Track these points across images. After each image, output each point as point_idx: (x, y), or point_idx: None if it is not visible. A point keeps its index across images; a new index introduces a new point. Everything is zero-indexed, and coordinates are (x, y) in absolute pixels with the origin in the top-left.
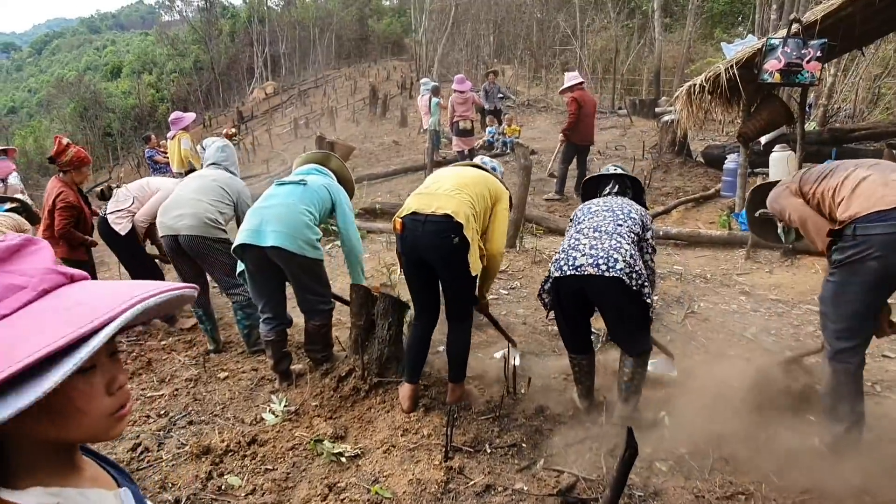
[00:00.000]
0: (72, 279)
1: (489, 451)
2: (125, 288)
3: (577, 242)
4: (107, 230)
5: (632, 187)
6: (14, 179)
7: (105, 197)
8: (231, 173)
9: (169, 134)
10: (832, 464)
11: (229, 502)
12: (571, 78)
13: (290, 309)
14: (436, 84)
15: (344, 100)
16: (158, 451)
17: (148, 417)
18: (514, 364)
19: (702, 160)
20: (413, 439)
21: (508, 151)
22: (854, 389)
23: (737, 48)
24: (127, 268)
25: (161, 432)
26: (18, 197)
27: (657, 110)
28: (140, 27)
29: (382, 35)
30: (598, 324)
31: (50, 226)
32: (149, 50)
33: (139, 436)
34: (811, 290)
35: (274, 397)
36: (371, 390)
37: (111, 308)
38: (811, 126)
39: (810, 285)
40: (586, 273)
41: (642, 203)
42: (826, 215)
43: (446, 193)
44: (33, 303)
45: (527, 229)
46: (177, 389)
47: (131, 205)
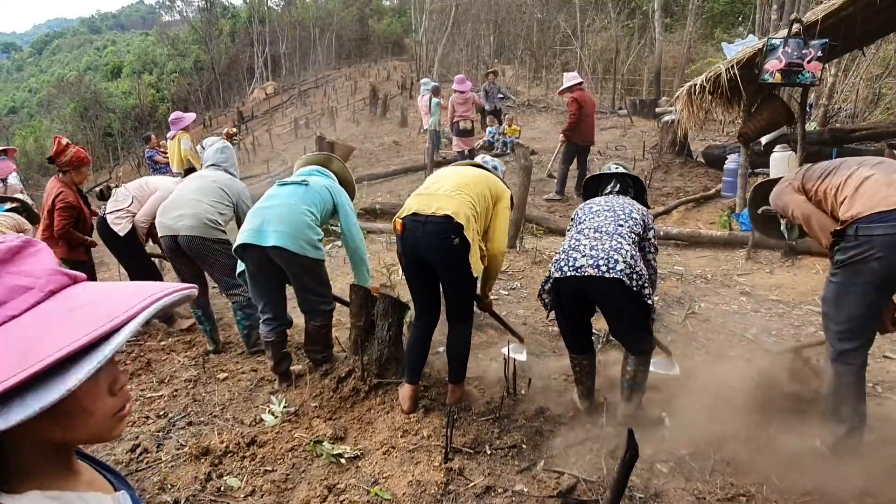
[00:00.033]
0: (74, 280)
1: (489, 453)
2: (131, 288)
3: (578, 243)
4: (106, 230)
5: (633, 186)
6: (13, 179)
7: (104, 197)
8: (231, 175)
9: (169, 134)
10: (834, 465)
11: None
12: (570, 78)
13: (290, 309)
14: (436, 84)
15: (344, 100)
16: (157, 453)
17: (147, 418)
18: (522, 360)
19: (702, 160)
20: (413, 440)
21: (508, 152)
22: (856, 391)
23: (738, 48)
24: (126, 268)
25: (160, 433)
26: (18, 196)
27: (657, 110)
28: (140, 27)
29: (383, 35)
30: (599, 324)
31: (49, 226)
32: (149, 50)
33: (138, 437)
34: (812, 291)
35: (273, 398)
36: (371, 391)
37: (130, 307)
38: (812, 126)
39: (811, 286)
40: (586, 274)
41: (644, 202)
42: (828, 213)
43: (446, 194)
44: (40, 304)
45: (527, 230)
46: (176, 390)
47: (130, 205)
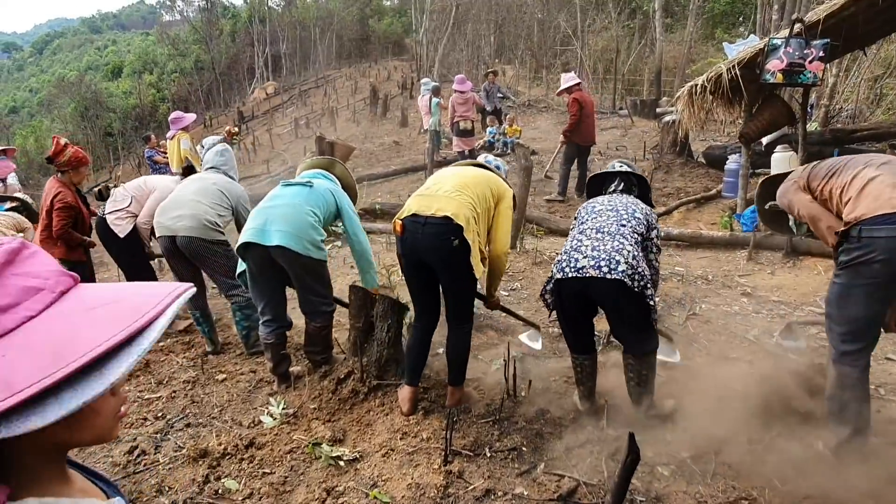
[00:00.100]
0: (75, 282)
1: (489, 455)
2: (144, 287)
3: (580, 244)
4: (105, 231)
5: (638, 185)
6: (13, 179)
7: (102, 197)
8: (230, 178)
9: (168, 134)
10: (837, 469)
11: None
12: (569, 79)
13: (290, 310)
14: (436, 84)
15: (344, 100)
16: (155, 455)
17: (145, 420)
18: (537, 347)
19: (703, 161)
20: (412, 443)
21: (509, 152)
22: (860, 393)
23: (739, 48)
24: (124, 269)
25: (158, 435)
26: (18, 195)
27: (658, 111)
28: (141, 27)
29: (383, 35)
30: (600, 325)
31: (48, 226)
32: (150, 50)
33: (136, 439)
34: (813, 292)
35: (272, 400)
36: (370, 393)
37: (155, 304)
38: (813, 126)
39: (812, 287)
40: (588, 275)
41: (649, 201)
42: (834, 212)
43: (446, 195)
44: (54, 304)
45: (527, 230)
46: (174, 391)
47: (129, 205)
